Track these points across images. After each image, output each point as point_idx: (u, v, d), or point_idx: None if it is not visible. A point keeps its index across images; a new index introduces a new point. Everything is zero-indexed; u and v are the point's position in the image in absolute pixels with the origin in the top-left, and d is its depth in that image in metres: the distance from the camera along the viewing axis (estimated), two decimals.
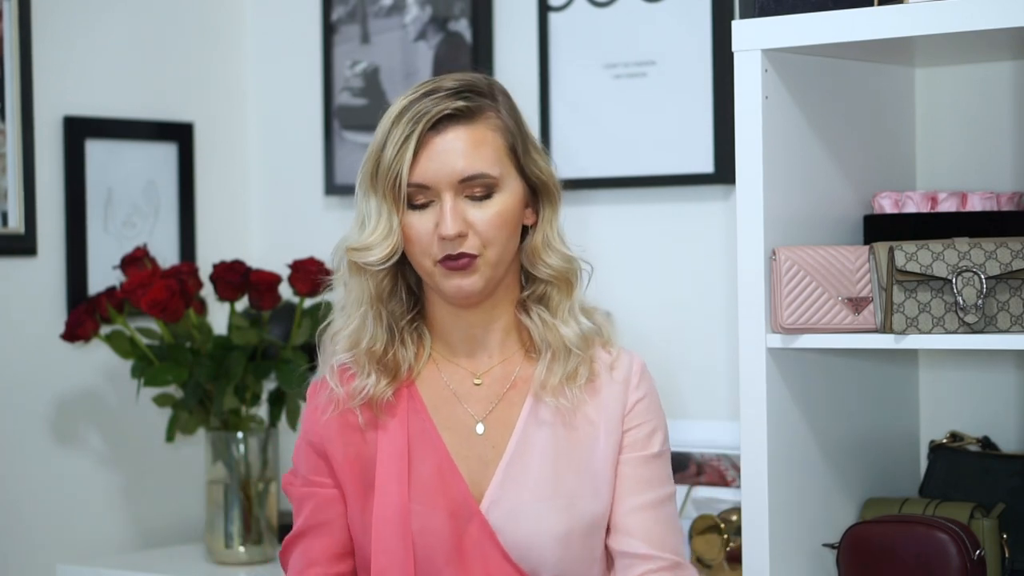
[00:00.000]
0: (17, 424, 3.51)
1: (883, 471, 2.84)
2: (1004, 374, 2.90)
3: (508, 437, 2.31)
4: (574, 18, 3.45)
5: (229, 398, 3.42)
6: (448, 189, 2.25)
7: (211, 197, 3.86)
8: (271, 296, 3.47)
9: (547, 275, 2.33)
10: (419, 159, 2.25)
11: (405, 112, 2.26)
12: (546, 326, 2.33)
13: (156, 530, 3.73)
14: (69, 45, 3.60)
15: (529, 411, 2.32)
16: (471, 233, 2.26)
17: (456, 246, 2.25)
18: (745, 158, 2.57)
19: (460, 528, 2.27)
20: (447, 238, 2.24)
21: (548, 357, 2.32)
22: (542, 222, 2.34)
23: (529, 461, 2.30)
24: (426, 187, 2.26)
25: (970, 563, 2.50)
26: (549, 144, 3.47)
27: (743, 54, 2.57)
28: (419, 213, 2.27)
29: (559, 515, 2.27)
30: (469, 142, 2.26)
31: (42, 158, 3.54)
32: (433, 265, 2.27)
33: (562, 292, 2.34)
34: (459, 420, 2.33)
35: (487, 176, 2.26)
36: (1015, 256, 2.44)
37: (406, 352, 2.33)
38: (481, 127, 2.28)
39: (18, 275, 3.51)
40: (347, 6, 3.79)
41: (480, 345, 2.35)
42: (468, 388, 2.35)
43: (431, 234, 2.26)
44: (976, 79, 2.89)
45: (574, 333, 2.32)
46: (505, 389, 2.34)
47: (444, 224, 2.24)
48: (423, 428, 2.31)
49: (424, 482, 2.28)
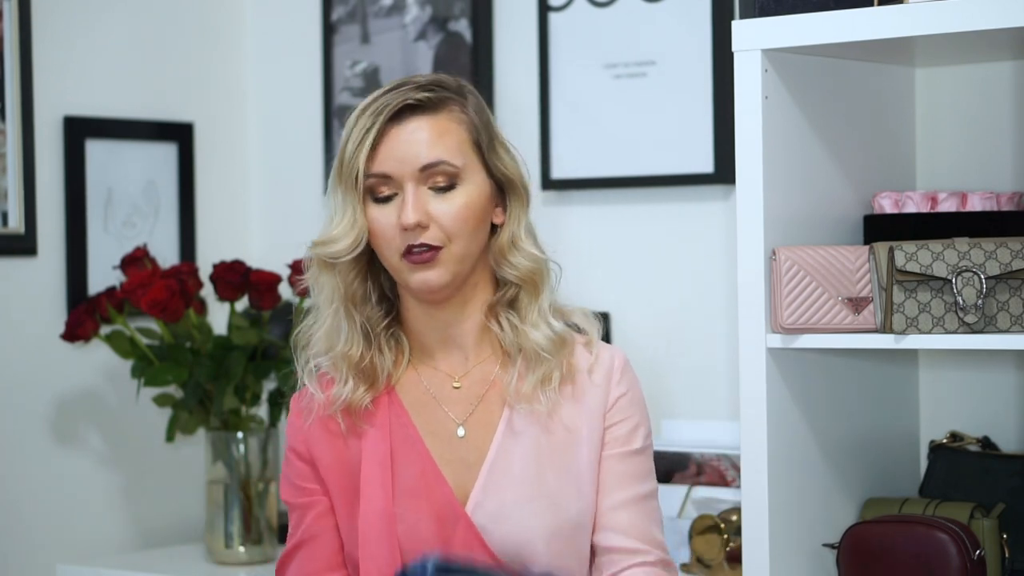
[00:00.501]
0: (17, 424, 3.51)
1: (883, 471, 2.84)
2: (1004, 374, 2.90)
3: (490, 439, 2.30)
4: (574, 18, 3.45)
5: (229, 398, 3.42)
6: (410, 179, 2.24)
7: (211, 197, 3.86)
8: (271, 296, 3.47)
9: (513, 276, 2.31)
10: (379, 149, 2.25)
11: (369, 107, 2.27)
12: (515, 331, 2.30)
13: (156, 530, 3.73)
14: (69, 45, 3.60)
15: (506, 422, 2.31)
16: (433, 225, 2.24)
17: (416, 236, 2.23)
18: (745, 158, 2.57)
19: (447, 531, 2.26)
20: (407, 227, 2.23)
21: (519, 363, 2.30)
22: (510, 221, 2.31)
23: (511, 462, 2.29)
24: (388, 177, 2.25)
25: (970, 563, 2.50)
26: (549, 144, 3.47)
27: (743, 54, 2.57)
28: (383, 206, 2.26)
29: (543, 515, 2.27)
30: (431, 132, 2.26)
31: (42, 158, 3.54)
32: (399, 259, 2.26)
33: (529, 294, 2.31)
34: (440, 424, 2.32)
35: (448, 164, 2.25)
36: (1015, 256, 2.44)
37: (383, 360, 2.32)
38: (444, 118, 2.27)
39: (18, 275, 3.51)
40: (347, 6, 3.79)
41: (456, 345, 2.34)
42: (447, 392, 2.33)
43: (394, 227, 2.25)
44: (976, 79, 2.89)
45: (544, 337, 2.30)
46: (484, 390, 2.33)
47: (404, 213, 2.23)
48: (405, 433, 2.31)
49: (409, 487, 2.28)
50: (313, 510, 2.34)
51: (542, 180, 3.48)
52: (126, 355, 3.44)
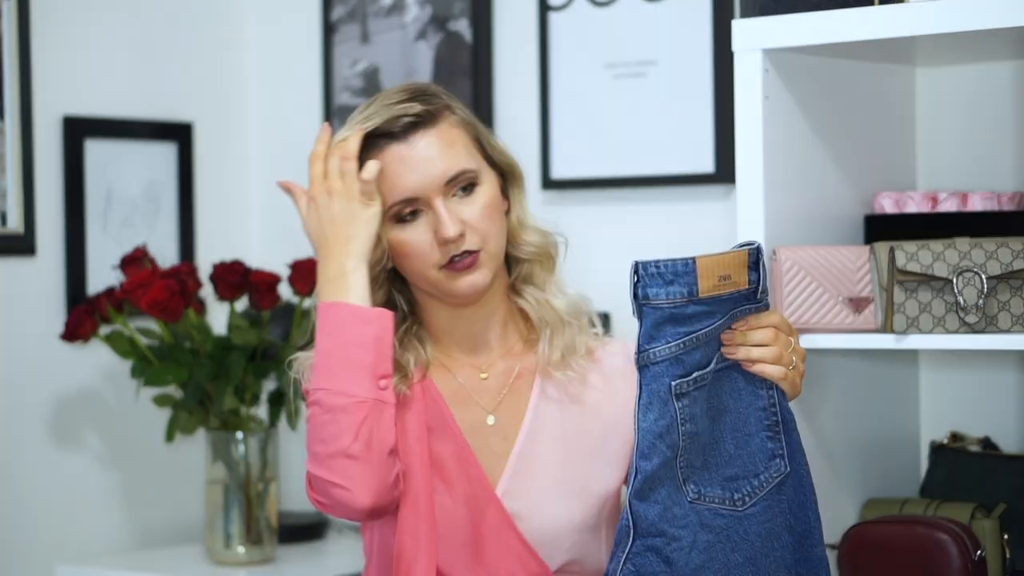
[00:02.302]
0: (17, 424, 3.50)
1: (884, 471, 2.84)
2: (1005, 374, 2.90)
3: (519, 427, 2.33)
4: (574, 18, 3.45)
5: (229, 398, 3.42)
6: (436, 194, 2.27)
7: (211, 197, 3.86)
8: (271, 296, 3.47)
9: (530, 253, 2.36)
10: (395, 173, 2.27)
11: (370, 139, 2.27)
12: (539, 303, 2.36)
13: (156, 530, 3.73)
14: (69, 45, 3.60)
15: (539, 393, 2.35)
16: (468, 231, 2.27)
17: (459, 246, 2.27)
18: (745, 158, 2.57)
19: (478, 513, 2.29)
20: (450, 240, 2.25)
21: (548, 334, 2.35)
22: (514, 204, 2.37)
23: (540, 449, 2.32)
24: (414, 199, 2.27)
25: (971, 563, 2.49)
26: (549, 144, 3.47)
27: (743, 54, 2.57)
28: (410, 226, 2.28)
29: (572, 501, 2.30)
30: (440, 144, 2.28)
31: (42, 158, 3.54)
32: (438, 272, 2.28)
33: (545, 267, 2.38)
34: (471, 412, 2.35)
35: (468, 171, 2.29)
36: (1016, 256, 2.44)
37: (409, 355, 2.34)
38: (444, 127, 2.29)
39: (18, 275, 3.51)
40: (347, 6, 3.78)
41: (481, 342, 2.37)
42: (476, 382, 2.37)
43: (429, 243, 2.27)
44: (976, 79, 2.89)
45: (565, 303, 2.37)
46: (511, 380, 2.36)
47: (444, 228, 2.25)
48: (441, 415, 2.33)
49: (443, 467, 2.30)
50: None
51: (542, 180, 3.47)
52: (126, 355, 3.44)
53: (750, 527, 2.19)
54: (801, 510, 2.21)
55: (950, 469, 2.80)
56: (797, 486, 2.21)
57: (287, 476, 3.73)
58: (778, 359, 2.20)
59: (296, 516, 3.72)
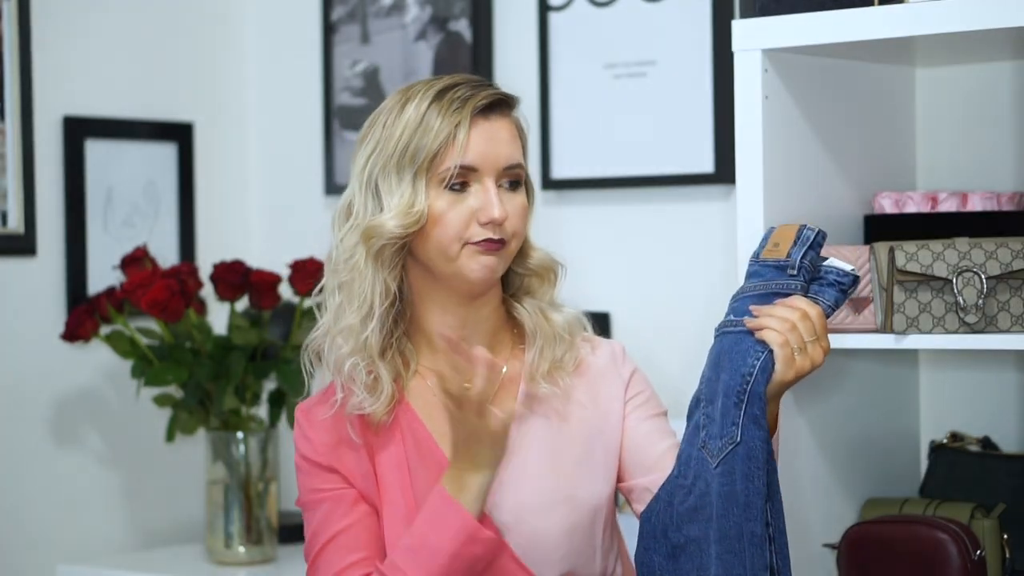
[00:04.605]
0: (17, 424, 3.51)
1: (883, 471, 2.84)
2: (1004, 374, 2.90)
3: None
4: (574, 18, 3.45)
5: (229, 398, 3.42)
6: (491, 174, 2.27)
7: (211, 197, 3.86)
8: (271, 296, 3.47)
9: (533, 267, 2.37)
10: (470, 141, 2.26)
11: (443, 95, 2.27)
12: (536, 313, 2.36)
13: (156, 530, 3.73)
14: (69, 45, 3.60)
15: (522, 401, 2.33)
16: (506, 222, 2.28)
17: (497, 232, 2.27)
18: (745, 158, 2.57)
19: None
20: (495, 221, 2.25)
21: (539, 344, 2.34)
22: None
23: (526, 459, 2.30)
24: (474, 169, 2.27)
25: (971, 563, 2.50)
26: (549, 144, 3.47)
27: (743, 54, 2.57)
28: (457, 195, 2.27)
29: (561, 510, 2.28)
30: (511, 132, 2.31)
31: (42, 158, 3.54)
32: (461, 248, 2.27)
33: (546, 282, 2.38)
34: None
35: (522, 167, 2.31)
36: (1015, 256, 2.44)
37: (393, 369, 2.31)
38: (514, 122, 2.33)
39: (18, 275, 3.51)
40: (347, 6, 3.78)
41: (469, 344, 2.34)
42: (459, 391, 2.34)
43: (467, 218, 2.26)
44: (976, 79, 2.89)
45: (563, 319, 2.36)
46: (495, 390, 2.33)
47: (494, 206, 2.25)
48: (419, 438, 2.31)
49: (427, 490, 2.28)
50: (345, 500, 2.31)
51: (542, 180, 3.48)
52: (126, 355, 3.44)
53: (714, 485, 2.20)
54: (746, 481, 2.21)
55: (950, 469, 2.80)
56: (745, 458, 2.21)
57: (287, 476, 3.73)
58: (787, 331, 2.18)
59: (296, 516, 3.72)
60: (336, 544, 2.30)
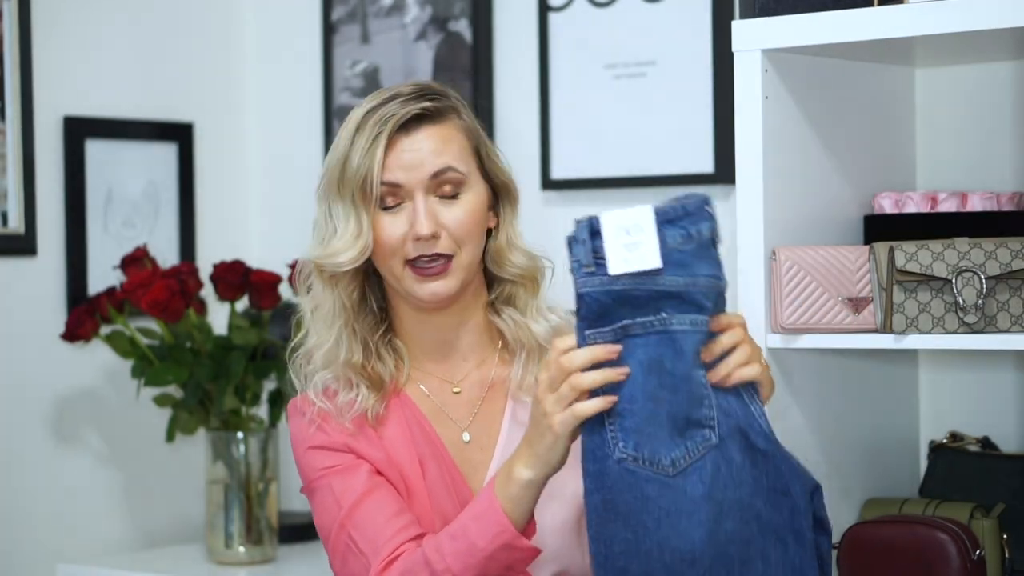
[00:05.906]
0: (17, 424, 3.51)
1: (883, 471, 2.84)
2: (1004, 374, 2.90)
3: (495, 440, 2.33)
4: (574, 18, 3.45)
5: (229, 398, 3.42)
6: (419, 188, 2.26)
7: (211, 197, 3.86)
8: (271, 296, 3.47)
9: (514, 275, 2.35)
10: (389, 158, 2.25)
11: (369, 116, 2.27)
12: (518, 325, 2.35)
13: (156, 530, 3.73)
14: (69, 45, 3.60)
15: (510, 414, 2.34)
16: (444, 234, 2.26)
17: (431, 246, 2.25)
18: (745, 158, 2.57)
19: None
20: (422, 238, 2.24)
21: (523, 357, 2.34)
22: (504, 223, 2.35)
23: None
24: (398, 186, 2.26)
25: (970, 563, 2.49)
26: (549, 144, 3.47)
27: (743, 54, 2.57)
28: (390, 215, 2.27)
29: (553, 507, 2.28)
30: (437, 139, 2.28)
31: (42, 158, 3.54)
32: (403, 268, 2.27)
33: (528, 291, 2.36)
34: (447, 429, 2.34)
35: (456, 171, 2.28)
36: (1015, 256, 2.44)
37: (384, 366, 2.33)
38: (447, 126, 2.29)
39: (18, 275, 3.51)
40: (347, 6, 3.79)
41: (453, 349, 2.36)
42: (448, 398, 2.35)
43: (402, 236, 2.26)
44: (976, 79, 2.89)
45: (545, 329, 2.34)
46: (484, 393, 2.35)
47: (418, 223, 2.24)
48: (424, 431, 2.33)
49: (437, 489, 2.30)
50: (363, 468, 2.28)
51: (542, 180, 3.48)
52: (126, 355, 3.45)
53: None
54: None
55: (949, 469, 2.80)
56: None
57: (287, 476, 3.73)
58: (751, 358, 2.08)
59: (296, 516, 3.72)
60: (372, 501, 2.25)
